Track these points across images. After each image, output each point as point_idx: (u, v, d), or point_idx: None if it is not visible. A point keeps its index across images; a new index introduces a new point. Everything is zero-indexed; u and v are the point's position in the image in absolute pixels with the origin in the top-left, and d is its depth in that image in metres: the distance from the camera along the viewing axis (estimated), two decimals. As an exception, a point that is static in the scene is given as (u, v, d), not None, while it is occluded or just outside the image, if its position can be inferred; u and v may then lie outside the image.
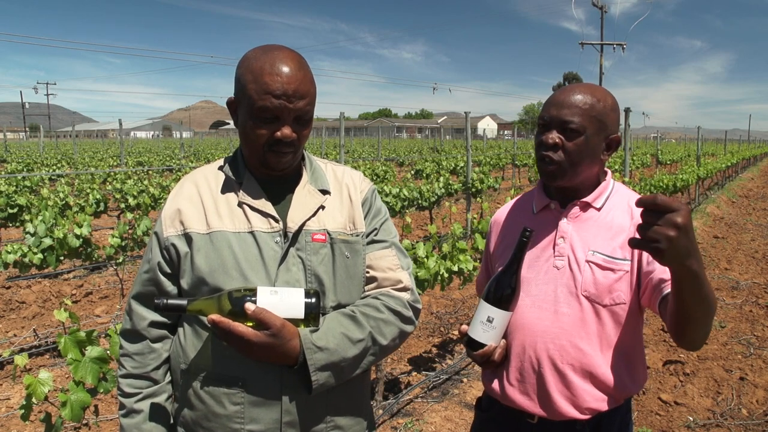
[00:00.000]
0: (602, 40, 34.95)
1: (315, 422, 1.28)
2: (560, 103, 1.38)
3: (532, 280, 1.44)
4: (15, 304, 5.66)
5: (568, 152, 1.37)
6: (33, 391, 1.91)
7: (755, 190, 17.62)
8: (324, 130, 19.70)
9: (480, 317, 1.38)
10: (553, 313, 1.39)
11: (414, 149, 33.14)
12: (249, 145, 1.29)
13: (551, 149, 1.38)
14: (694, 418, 3.55)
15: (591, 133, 1.37)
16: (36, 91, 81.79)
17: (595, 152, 1.40)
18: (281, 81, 1.20)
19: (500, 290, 1.37)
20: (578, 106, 1.36)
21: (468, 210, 8.70)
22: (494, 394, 1.49)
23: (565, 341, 1.37)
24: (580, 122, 1.36)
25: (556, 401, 1.38)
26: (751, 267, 7.40)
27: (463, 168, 14.16)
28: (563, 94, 1.39)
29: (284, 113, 1.22)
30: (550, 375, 1.38)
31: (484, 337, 1.37)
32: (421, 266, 3.52)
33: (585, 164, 1.39)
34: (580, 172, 1.40)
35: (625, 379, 1.39)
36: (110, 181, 10.52)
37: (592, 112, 1.37)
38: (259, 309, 1.13)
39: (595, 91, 1.40)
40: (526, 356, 1.41)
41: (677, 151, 28.06)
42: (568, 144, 1.36)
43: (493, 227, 1.65)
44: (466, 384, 3.95)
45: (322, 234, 1.31)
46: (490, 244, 1.64)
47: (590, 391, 1.37)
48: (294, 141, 1.26)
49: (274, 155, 1.26)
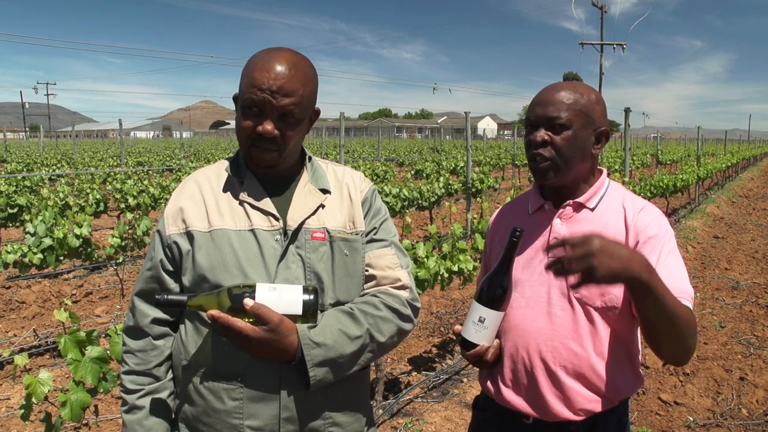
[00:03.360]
0: (602, 40, 34.95)
1: (313, 418, 1.29)
2: (544, 101, 1.40)
3: (526, 281, 1.44)
4: (15, 304, 5.66)
5: (557, 147, 1.38)
6: (33, 391, 1.91)
7: (755, 190, 17.62)
8: (324, 130, 19.71)
9: (472, 317, 1.39)
10: (546, 315, 1.39)
11: (414, 149, 33.15)
12: (238, 139, 1.32)
13: (540, 146, 1.39)
14: (694, 418, 3.55)
15: (578, 126, 1.38)
16: (36, 91, 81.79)
17: (584, 146, 1.40)
18: (268, 77, 1.23)
19: (491, 291, 1.38)
20: (562, 101, 1.38)
21: (468, 210, 8.70)
22: (490, 394, 1.50)
23: (557, 343, 1.38)
24: (567, 117, 1.37)
25: (548, 402, 1.38)
26: (751, 267, 7.40)
27: (463, 168, 14.17)
28: (546, 93, 1.42)
29: (268, 108, 1.24)
30: (543, 376, 1.39)
31: (476, 337, 1.39)
32: (421, 266, 3.52)
33: (576, 159, 1.40)
34: (572, 167, 1.40)
35: (619, 381, 1.39)
36: (110, 181, 10.52)
37: (577, 106, 1.38)
38: (257, 305, 1.14)
39: (578, 87, 1.42)
40: (519, 357, 1.42)
41: (677, 151, 28.06)
42: (557, 139, 1.38)
43: (491, 228, 1.66)
44: (466, 384, 3.95)
45: (322, 232, 1.32)
46: (488, 246, 1.65)
47: (582, 392, 1.37)
48: (277, 138, 1.26)
49: (257, 150, 1.28)
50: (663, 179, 10.01)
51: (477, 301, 1.39)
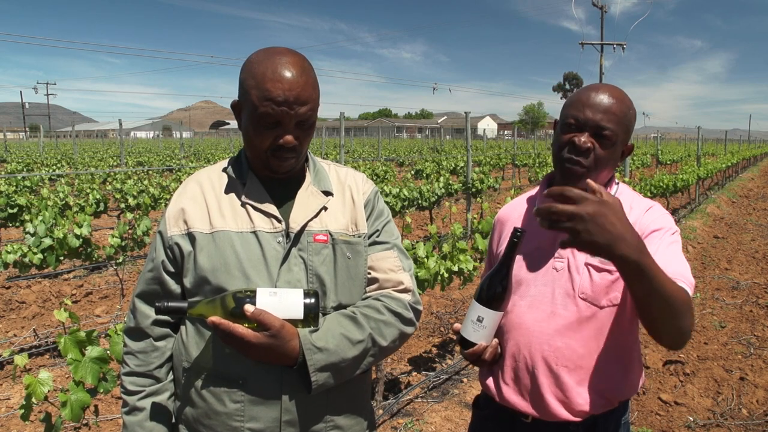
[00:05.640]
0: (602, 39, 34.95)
1: (314, 421, 1.28)
2: (596, 105, 1.34)
3: (531, 281, 1.43)
4: (15, 304, 5.66)
5: (598, 158, 1.34)
6: (33, 391, 1.91)
7: (755, 190, 17.62)
8: (324, 130, 19.72)
9: (471, 316, 1.39)
10: (550, 315, 1.39)
11: (414, 149, 33.14)
12: (252, 149, 1.30)
13: (583, 155, 1.34)
14: (694, 418, 3.55)
15: (619, 140, 1.35)
16: (36, 91, 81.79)
17: (616, 160, 1.39)
18: (283, 87, 1.20)
19: (490, 290, 1.37)
20: (614, 112, 1.34)
21: (468, 210, 8.70)
22: (490, 393, 1.50)
23: (560, 343, 1.37)
24: (614, 130, 1.33)
25: (548, 402, 1.38)
26: (751, 267, 7.40)
27: (463, 168, 14.17)
28: (599, 96, 1.36)
29: (286, 119, 1.22)
30: (544, 376, 1.38)
31: (474, 336, 1.38)
32: (421, 266, 3.52)
33: (606, 171, 1.39)
34: (599, 177, 1.38)
35: (620, 383, 1.39)
36: (110, 181, 10.52)
37: (625, 119, 1.35)
38: (258, 310, 1.13)
39: (625, 98, 1.38)
40: (521, 356, 1.41)
41: (677, 151, 28.06)
42: (599, 149, 1.34)
43: (496, 226, 1.64)
44: (466, 384, 3.95)
45: (324, 235, 1.31)
46: (493, 243, 1.63)
47: (583, 393, 1.37)
48: (296, 146, 1.26)
49: (277, 160, 1.27)
50: (663, 179, 10.01)
51: (476, 300, 1.39)
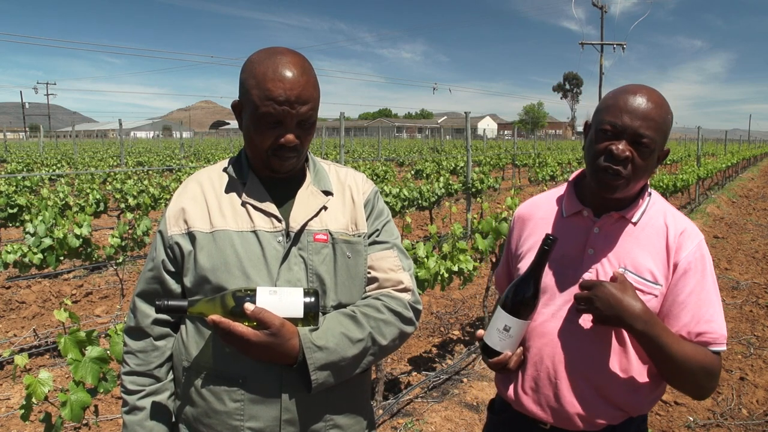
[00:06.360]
0: (602, 39, 34.96)
1: (314, 420, 1.28)
2: (634, 111, 1.26)
3: (557, 289, 1.38)
4: (15, 304, 5.66)
5: (636, 167, 1.28)
6: (33, 391, 1.91)
7: (755, 190, 17.62)
8: (324, 130, 19.72)
9: (497, 325, 1.33)
10: (575, 326, 1.35)
11: (414, 149, 33.14)
12: (253, 149, 1.30)
13: (621, 163, 1.27)
14: (694, 418, 3.55)
15: (657, 148, 1.29)
16: (36, 91, 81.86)
17: (653, 167, 1.33)
18: (284, 87, 1.20)
19: (518, 299, 1.31)
20: (654, 119, 1.26)
21: (468, 210, 8.70)
22: (507, 399, 1.47)
23: (584, 355, 1.34)
24: (653, 138, 1.27)
25: (569, 413, 1.35)
26: (751, 267, 7.40)
27: (463, 168, 14.17)
28: (637, 100, 1.27)
29: (287, 119, 1.23)
30: (566, 387, 1.35)
31: (500, 345, 1.34)
32: (421, 266, 3.52)
33: (642, 179, 1.32)
34: (635, 186, 1.33)
35: (642, 397, 1.35)
36: (110, 181, 10.52)
37: (663, 126, 1.29)
38: (258, 309, 1.13)
39: (664, 102, 1.31)
40: (543, 366, 1.37)
41: (677, 151, 28.06)
42: (638, 158, 1.27)
43: (516, 223, 1.56)
44: (466, 384, 3.95)
45: (324, 234, 1.32)
46: (512, 241, 1.55)
47: (604, 405, 1.34)
48: (297, 146, 1.26)
49: (278, 159, 1.28)
50: (663, 179, 10.01)
51: (502, 308, 1.32)
